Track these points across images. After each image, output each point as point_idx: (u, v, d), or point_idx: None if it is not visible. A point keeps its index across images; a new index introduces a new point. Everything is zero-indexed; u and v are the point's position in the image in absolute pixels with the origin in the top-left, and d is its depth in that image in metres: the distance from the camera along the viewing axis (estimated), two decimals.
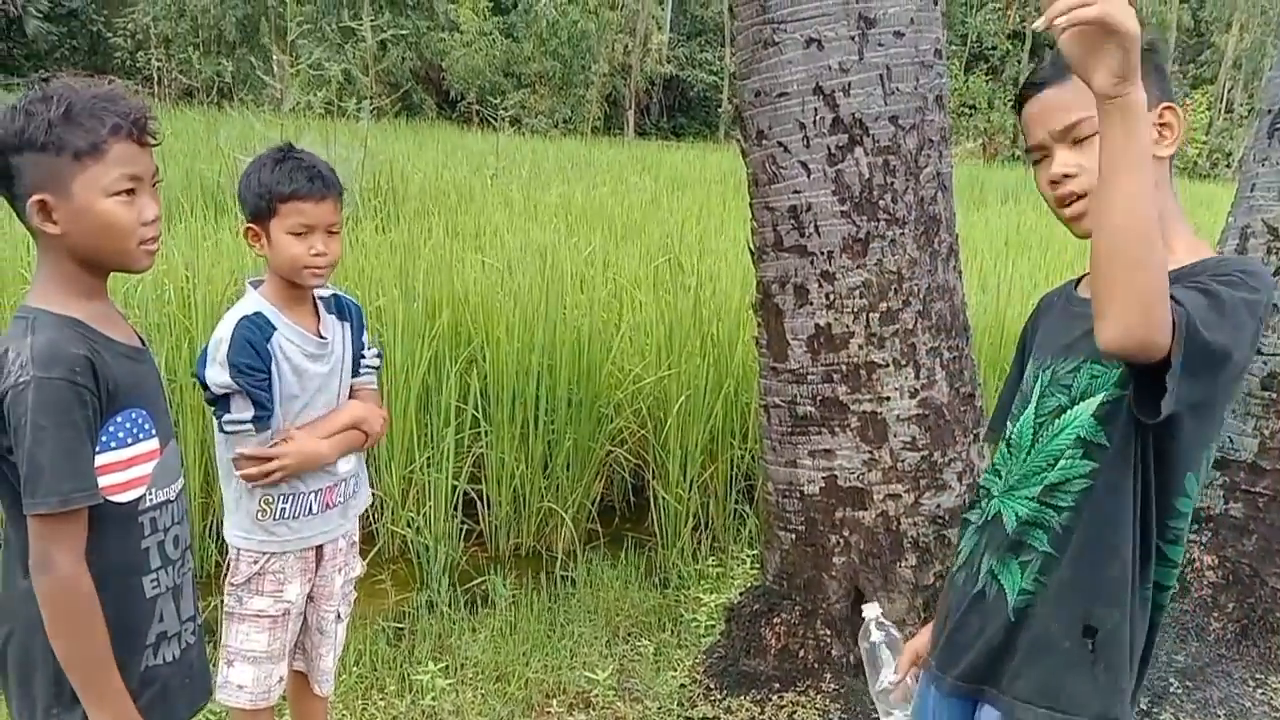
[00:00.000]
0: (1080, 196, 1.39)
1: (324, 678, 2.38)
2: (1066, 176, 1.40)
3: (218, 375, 2.04)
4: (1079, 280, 1.57)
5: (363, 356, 2.32)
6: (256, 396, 2.06)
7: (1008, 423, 1.60)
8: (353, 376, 2.30)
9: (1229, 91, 36.92)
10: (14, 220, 1.51)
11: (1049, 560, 1.48)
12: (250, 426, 2.07)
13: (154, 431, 1.59)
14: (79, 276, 1.52)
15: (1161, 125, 1.38)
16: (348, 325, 2.29)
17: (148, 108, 1.53)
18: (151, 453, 1.58)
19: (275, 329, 2.11)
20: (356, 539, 2.41)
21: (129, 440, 1.54)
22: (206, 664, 1.78)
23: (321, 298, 2.26)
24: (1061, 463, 1.45)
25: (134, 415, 1.54)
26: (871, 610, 1.73)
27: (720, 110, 32.95)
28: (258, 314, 2.11)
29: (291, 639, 2.26)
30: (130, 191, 1.48)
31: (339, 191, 2.16)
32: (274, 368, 2.10)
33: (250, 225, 2.12)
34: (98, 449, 1.49)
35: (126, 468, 1.54)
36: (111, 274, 1.59)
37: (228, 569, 2.21)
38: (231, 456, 2.11)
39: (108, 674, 1.49)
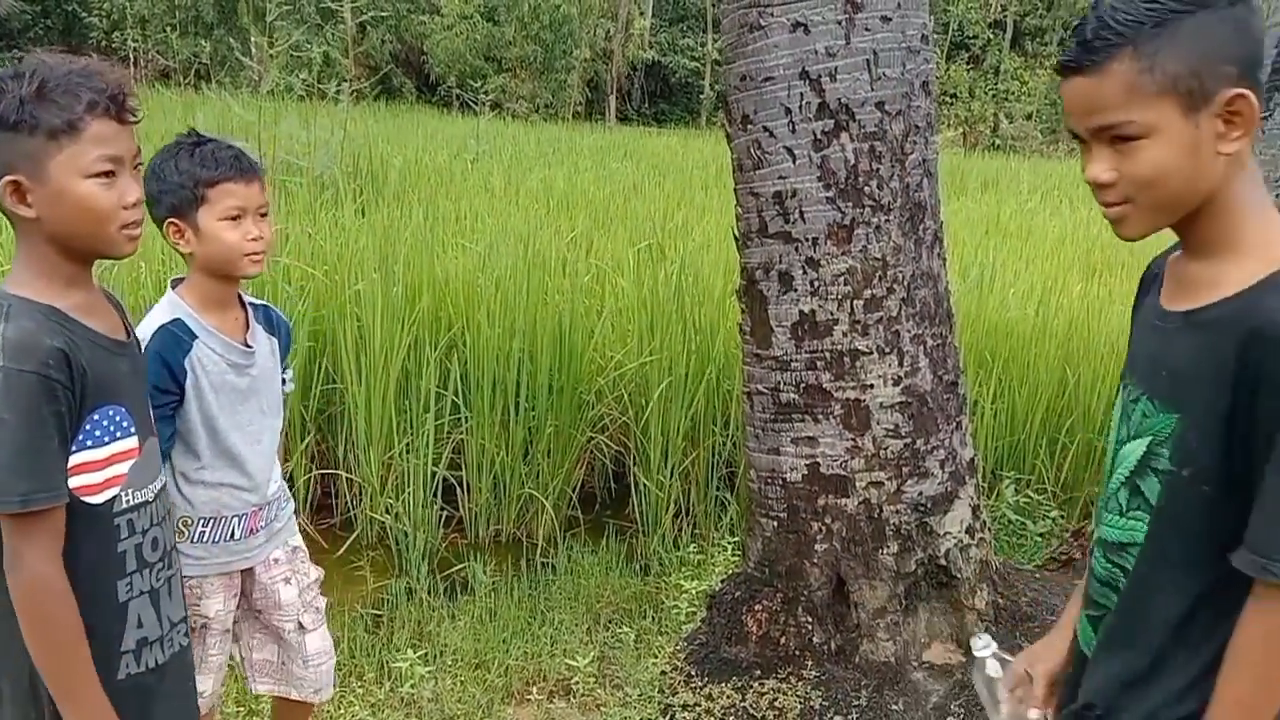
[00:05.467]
0: (1120, 203, 1.20)
1: (300, 684, 2.28)
2: (1101, 185, 1.20)
3: None
4: (1163, 267, 1.33)
5: (283, 380, 2.20)
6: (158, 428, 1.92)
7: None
8: None
9: None
10: None
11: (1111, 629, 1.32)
12: None
13: (132, 430, 1.52)
14: (58, 263, 1.44)
15: (1231, 114, 1.13)
16: (275, 341, 2.16)
17: (127, 82, 1.45)
18: (129, 451, 1.51)
19: (196, 337, 1.97)
20: (298, 544, 2.31)
21: (105, 439, 1.47)
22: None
23: (252, 305, 2.13)
24: (1120, 519, 1.29)
25: (111, 412, 1.47)
26: (983, 646, 1.52)
27: (702, 97, 32.86)
28: (177, 321, 1.97)
29: (219, 655, 2.14)
30: (110, 174, 1.40)
31: (263, 172, 2.06)
32: (190, 386, 1.96)
33: (171, 220, 1.95)
34: (74, 448, 1.42)
35: (103, 467, 1.47)
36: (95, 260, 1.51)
37: None
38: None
39: (86, 680, 1.42)
